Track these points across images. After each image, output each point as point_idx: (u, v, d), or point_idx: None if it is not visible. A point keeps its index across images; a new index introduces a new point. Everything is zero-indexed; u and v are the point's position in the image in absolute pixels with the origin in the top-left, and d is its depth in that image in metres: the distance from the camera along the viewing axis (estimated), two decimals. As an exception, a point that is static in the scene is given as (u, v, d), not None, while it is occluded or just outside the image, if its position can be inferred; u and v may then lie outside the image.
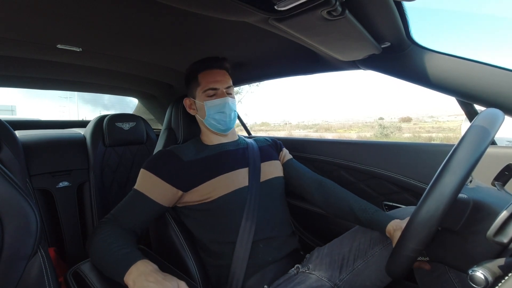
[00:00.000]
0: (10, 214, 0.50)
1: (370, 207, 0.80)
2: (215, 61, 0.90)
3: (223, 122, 0.87)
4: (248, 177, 0.85)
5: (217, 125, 0.88)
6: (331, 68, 1.07)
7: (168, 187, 0.78)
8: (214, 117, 0.87)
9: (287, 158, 1.02)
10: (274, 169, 0.94)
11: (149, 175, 0.78)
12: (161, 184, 0.77)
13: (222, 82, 0.88)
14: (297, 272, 0.83)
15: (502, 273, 0.37)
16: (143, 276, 0.58)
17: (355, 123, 34.95)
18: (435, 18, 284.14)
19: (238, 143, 0.95)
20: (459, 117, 20.87)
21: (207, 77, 0.87)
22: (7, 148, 0.88)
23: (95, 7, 0.71)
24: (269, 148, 1.00)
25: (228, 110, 0.87)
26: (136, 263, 0.61)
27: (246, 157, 0.90)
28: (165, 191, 0.78)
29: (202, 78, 0.88)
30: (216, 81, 0.87)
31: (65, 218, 1.25)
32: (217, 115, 0.86)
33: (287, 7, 0.54)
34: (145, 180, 0.79)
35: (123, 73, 1.48)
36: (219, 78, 0.88)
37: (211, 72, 0.88)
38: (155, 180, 0.77)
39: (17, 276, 0.51)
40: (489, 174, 0.63)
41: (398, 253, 0.49)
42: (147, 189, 0.77)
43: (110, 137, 1.39)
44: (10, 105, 16.60)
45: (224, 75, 0.89)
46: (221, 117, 0.87)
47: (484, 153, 0.44)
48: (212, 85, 0.86)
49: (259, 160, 0.91)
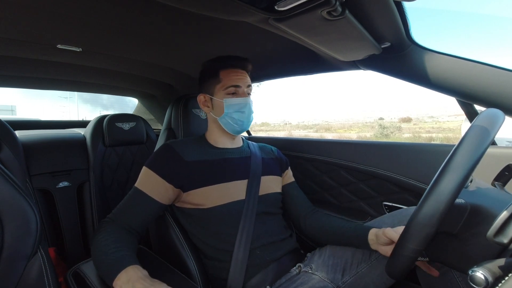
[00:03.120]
0: (10, 214, 0.50)
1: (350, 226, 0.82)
2: (239, 60, 0.88)
3: (240, 123, 0.85)
4: (246, 190, 0.84)
5: (233, 125, 0.85)
6: (331, 68, 1.07)
7: (168, 186, 0.77)
8: (233, 116, 0.84)
9: (289, 181, 1.00)
10: (273, 184, 0.92)
11: (150, 173, 0.78)
12: (162, 183, 0.77)
13: (245, 82, 0.86)
14: (299, 272, 0.83)
15: (502, 274, 0.37)
16: (130, 283, 0.57)
17: (355, 123, 34.93)
18: (435, 18, 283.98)
19: (241, 151, 0.92)
20: (459, 117, 20.86)
21: (231, 74, 0.85)
22: (7, 148, 0.88)
23: (95, 7, 0.71)
24: (272, 162, 0.97)
25: (248, 111, 0.85)
26: (126, 269, 0.60)
27: (247, 168, 0.88)
28: (166, 190, 0.77)
29: (224, 75, 0.85)
30: (240, 79, 0.85)
31: (65, 218, 1.25)
32: (236, 114, 0.84)
33: (287, 7, 0.54)
34: (147, 178, 0.78)
35: (123, 73, 1.48)
36: (244, 78, 0.86)
37: (236, 72, 0.86)
38: (156, 178, 0.77)
39: (17, 276, 0.51)
40: (489, 174, 0.63)
41: (398, 253, 0.49)
42: (147, 187, 0.77)
43: (110, 137, 1.39)
44: (10, 105, 16.60)
45: (246, 76, 0.88)
46: (239, 117, 0.84)
47: (484, 154, 0.44)
48: (235, 82, 0.84)
49: (260, 173, 0.89)
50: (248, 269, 0.76)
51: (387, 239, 0.68)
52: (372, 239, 0.73)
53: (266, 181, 0.89)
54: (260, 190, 0.86)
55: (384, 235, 0.68)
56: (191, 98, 1.06)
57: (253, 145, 0.98)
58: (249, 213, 0.80)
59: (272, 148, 1.03)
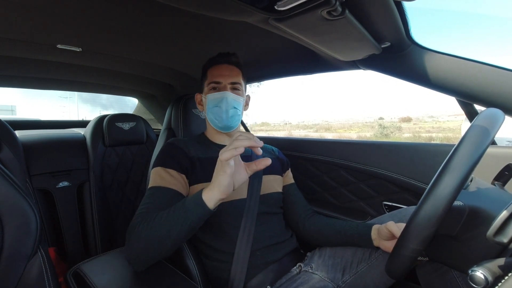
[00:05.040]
0: (10, 214, 0.50)
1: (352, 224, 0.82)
2: (223, 56, 0.88)
3: (220, 118, 0.84)
4: (247, 189, 0.83)
5: (215, 121, 0.85)
6: (331, 68, 1.07)
7: (180, 176, 0.77)
8: (212, 111, 0.84)
9: (289, 182, 0.99)
10: (275, 184, 0.91)
11: (160, 170, 0.77)
12: (174, 174, 0.76)
13: (226, 77, 0.85)
14: (300, 271, 0.83)
15: (502, 273, 0.37)
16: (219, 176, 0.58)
17: (355, 123, 34.92)
18: (435, 18, 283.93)
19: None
20: (459, 117, 20.88)
21: (213, 70, 0.86)
22: (7, 148, 0.88)
23: (95, 7, 0.71)
24: (274, 161, 0.96)
25: (224, 105, 0.82)
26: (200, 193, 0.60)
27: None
28: (179, 181, 0.76)
29: (210, 72, 0.87)
30: (220, 75, 0.85)
31: (65, 218, 1.25)
32: (215, 109, 0.84)
33: (287, 7, 0.54)
34: (158, 175, 0.76)
35: (123, 73, 1.48)
36: (225, 73, 0.85)
37: (219, 67, 0.86)
38: (168, 171, 0.76)
39: (17, 276, 0.51)
40: (489, 174, 0.63)
41: (398, 253, 0.49)
42: (162, 182, 0.74)
43: (110, 137, 1.39)
44: (10, 105, 16.62)
45: (231, 70, 0.86)
46: (217, 111, 0.83)
47: (484, 153, 0.44)
48: (216, 78, 0.84)
49: (262, 171, 0.86)
50: (249, 270, 0.76)
51: (389, 233, 0.68)
52: (375, 234, 0.74)
53: (267, 180, 0.89)
54: (262, 189, 0.86)
55: (386, 228, 0.69)
56: (191, 98, 1.06)
57: None
58: (250, 212, 0.80)
59: (273, 148, 1.03)
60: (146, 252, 0.62)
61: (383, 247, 0.72)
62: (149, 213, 0.66)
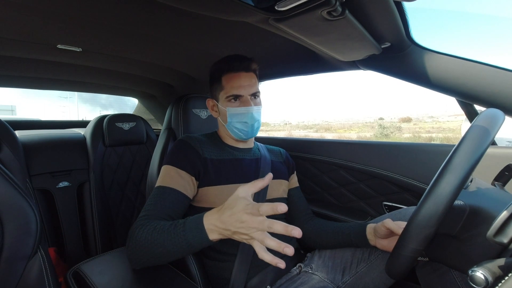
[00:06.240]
0: (10, 214, 0.50)
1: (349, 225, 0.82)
2: (241, 62, 0.80)
3: (245, 132, 0.82)
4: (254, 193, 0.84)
5: (239, 133, 0.83)
6: (331, 68, 1.07)
7: (189, 178, 0.76)
8: (236, 126, 0.81)
9: (294, 186, 0.98)
10: (281, 189, 0.90)
11: (170, 168, 0.76)
12: (184, 174, 0.75)
13: (248, 88, 0.79)
14: (300, 272, 0.83)
15: (502, 273, 0.37)
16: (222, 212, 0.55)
17: (355, 123, 34.91)
18: (435, 18, 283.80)
19: (252, 153, 0.90)
20: (459, 117, 20.87)
21: (232, 81, 0.79)
22: (7, 148, 0.88)
23: (95, 7, 0.71)
24: (281, 165, 0.96)
25: (251, 120, 0.80)
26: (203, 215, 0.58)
27: (257, 170, 0.86)
28: (188, 182, 0.75)
29: (225, 81, 0.80)
30: (241, 86, 0.78)
31: (65, 218, 1.25)
32: (239, 124, 0.80)
33: (287, 7, 0.54)
34: (167, 173, 0.76)
35: (123, 73, 1.48)
36: (245, 83, 0.79)
37: (237, 76, 0.79)
38: (177, 171, 0.75)
39: (17, 276, 0.51)
40: (489, 174, 0.63)
41: (398, 253, 0.49)
42: (170, 182, 0.74)
43: (110, 137, 1.39)
44: (10, 105, 16.62)
45: (250, 79, 0.80)
46: (243, 126, 0.81)
47: (484, 154, 0.44)
48: (236, 91, 0.78)
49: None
50: (249, 270, 0.76)
51: (386, 231, 0.68)
52: (370, 233, 0.74)
53: (274, 185, 0.88)
54: (268, 193, 0.85)
55: (383, 225, 0.68)
56: (191, 98, 1.06)
57: (262, 147, 0.96)
58: None
59: (280, 151, 1.01)
60: (146, 259, 0.63)
61: (380, 246, 0.72)
62: (150, 219, 0.66)
